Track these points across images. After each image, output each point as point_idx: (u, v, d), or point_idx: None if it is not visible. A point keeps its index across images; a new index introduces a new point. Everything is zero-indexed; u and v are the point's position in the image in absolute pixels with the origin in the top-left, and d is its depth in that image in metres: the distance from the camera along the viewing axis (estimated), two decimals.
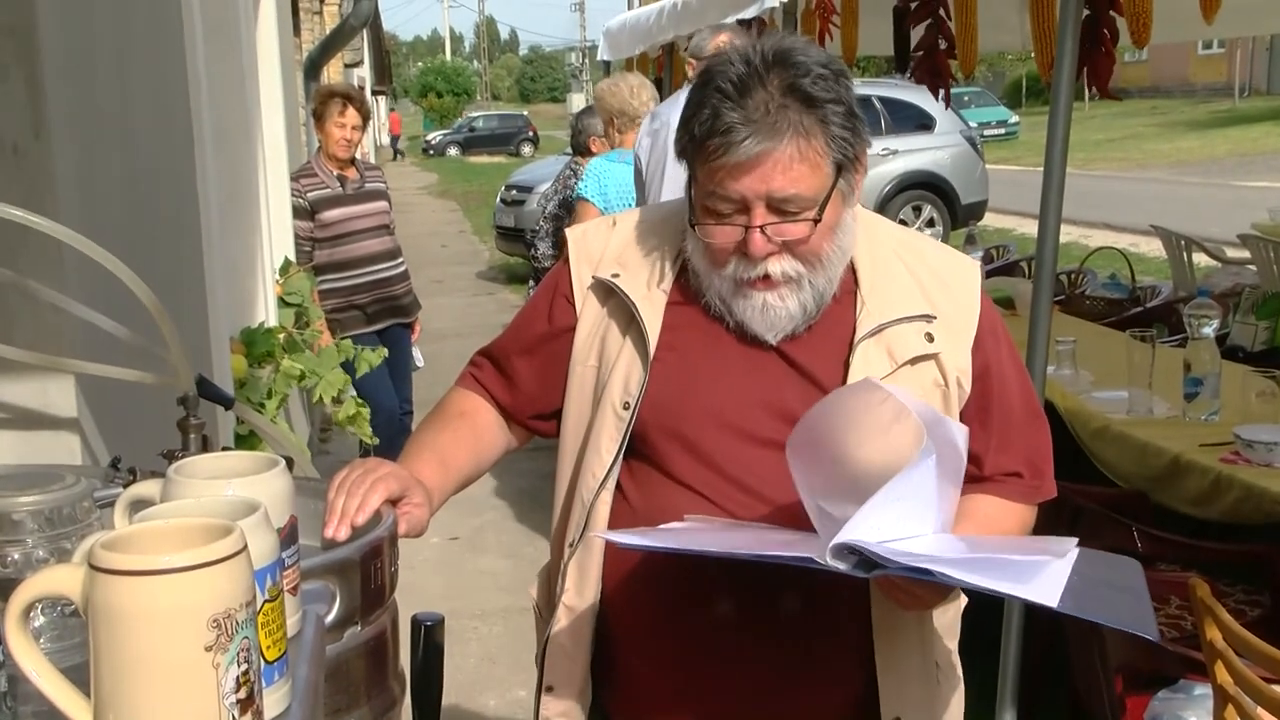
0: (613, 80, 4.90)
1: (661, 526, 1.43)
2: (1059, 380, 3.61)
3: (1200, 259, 7.79)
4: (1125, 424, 3.27)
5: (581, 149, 5.64)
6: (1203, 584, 2.13)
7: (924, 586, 1.34)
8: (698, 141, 1.43)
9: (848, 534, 1.26)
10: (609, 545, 1.54)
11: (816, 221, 1.44)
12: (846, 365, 1.51)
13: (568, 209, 5.46)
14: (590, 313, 1.60)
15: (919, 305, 1.54)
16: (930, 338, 1.52)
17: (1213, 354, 3.29)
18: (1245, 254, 7.36)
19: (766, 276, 1.46)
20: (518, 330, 1.71)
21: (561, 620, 1.59)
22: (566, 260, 1.64)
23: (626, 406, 1.53)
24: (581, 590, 1.57)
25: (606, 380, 1.55)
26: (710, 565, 1.40)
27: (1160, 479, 3.03)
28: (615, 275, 1.57)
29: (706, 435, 1.51)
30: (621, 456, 1.54)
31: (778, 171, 1.40)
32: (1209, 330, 3.32)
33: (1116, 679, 2.74)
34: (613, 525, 1.54)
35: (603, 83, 4.97)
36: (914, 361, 1.51)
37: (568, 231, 1.68)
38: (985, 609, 1.76)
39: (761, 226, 1.43)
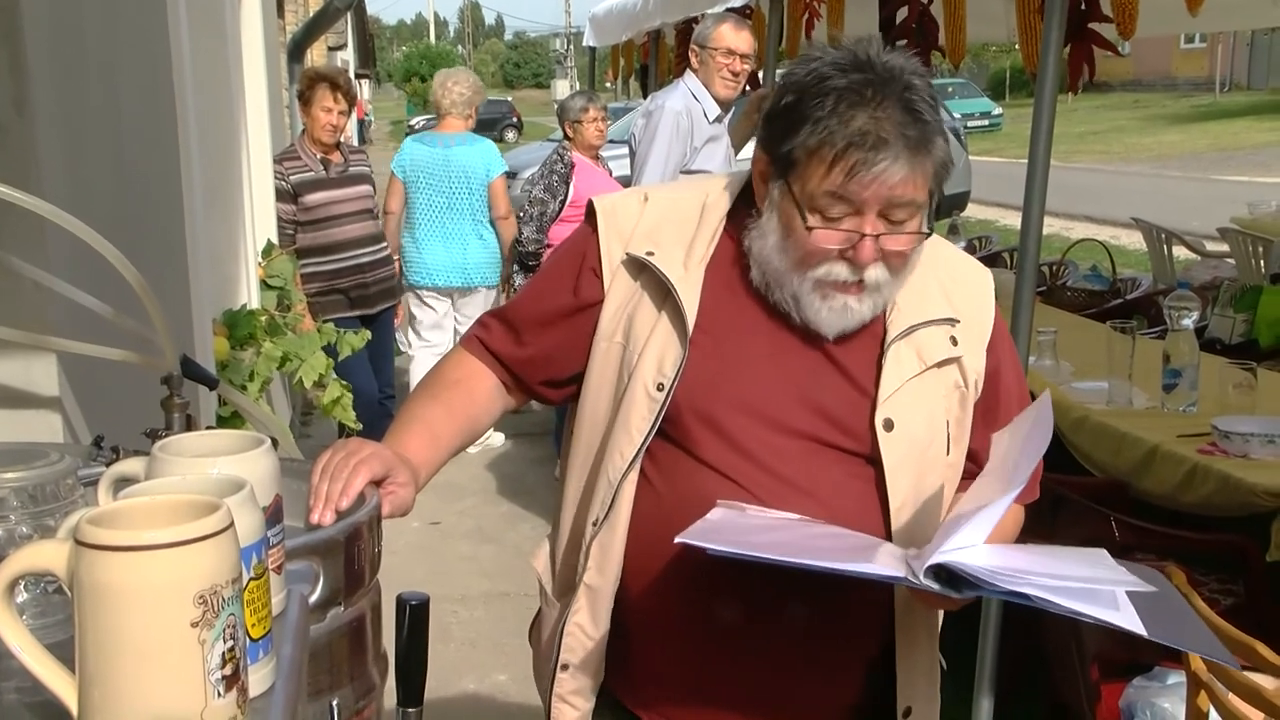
0: (439, 74, 5.84)
1: (711, 516, 1.42)
2: (1040, 371, 3.63)
3: (1180, 252, 7.85)
4: (1105, 414, 3.30)
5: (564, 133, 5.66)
6: (1179, 573, 2.15)
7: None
8: (838, 148, 1.40)
9: (944, 556, 1.29)
10: (633, 526, 1.54)
11: (926, 235, 1.47)
12: (879, 365, 1.52)
13: (552, 194, 5.47)
14: (620, 289, 1.58)
15: (944, 309, 1.56)
16: (954, 341, 1.55)
17: (1191, 346, 3.31)
18: (1224, 247, 7.43)
19: (860, 282, 1.47)
20: (538, 297, 1.68)
21: (581, 599, 1.59)
22: (594, 231, 1.61)
23: (660, 387, 1.51)
24: (603, 570, 1.57)
25: (636, 359, 1.54)
26: None
27: (1138, 469, 3.06)
28: (650, 254, 1.55)
29: (739, 421, 1.51)
30: (651, 438, 1.53)
31: (905, 185, 1.41)
32: (1188, 322, 3.35)
33: (1092, 666, 2.77)
34: (637, 507, 1.54)
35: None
36: (940, 364, 1.54)
37: (595, 202, 1.64)
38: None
39: (876, 235, 1.44)
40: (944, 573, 1.31)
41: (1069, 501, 2.98)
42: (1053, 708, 3.13)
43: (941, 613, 1.65)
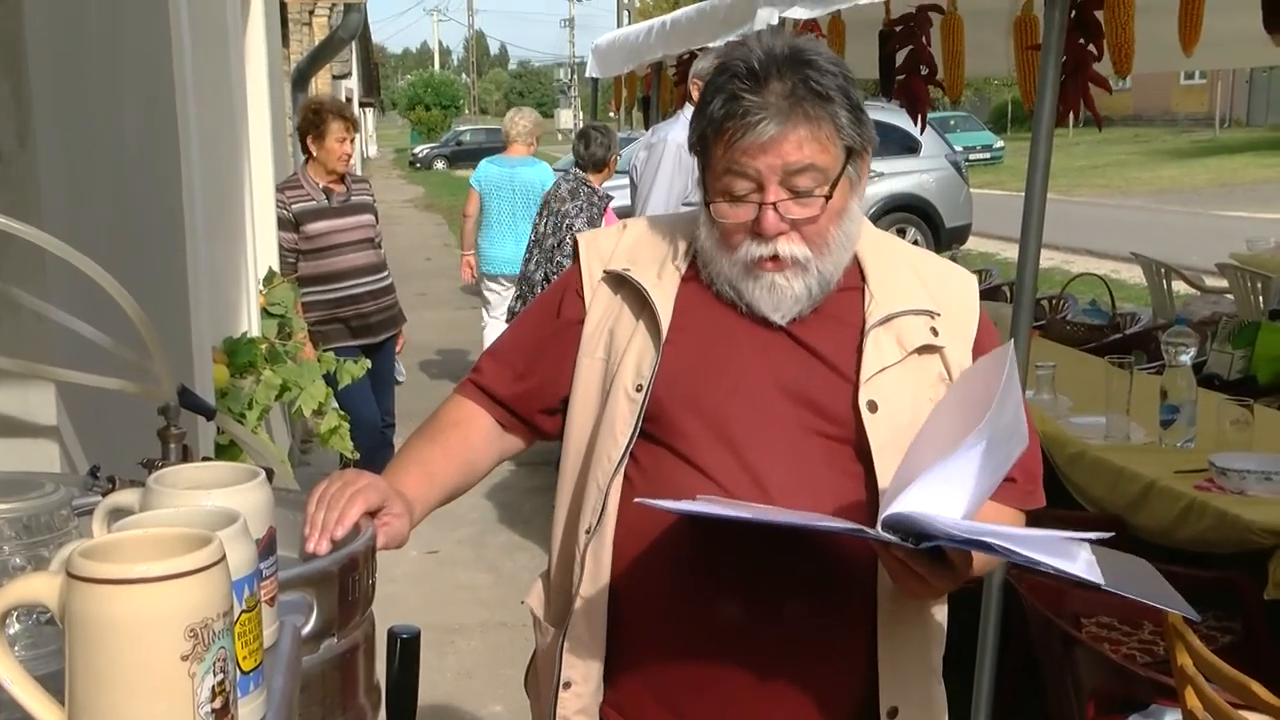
0: (510, 112, 7.50)
1: (684, 503, 1.42)
2: (1037, 405, 3.63)
3: (1179, 287, 7.86)
4: (1102, 449, 3.30)
5: (599, 163, 5.72)
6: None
7: (939, 573, 1.36)
8: (716, 124, 1.49)
9: (899, 506, 1.29)
10: (618, 531, 1.56)
11: (827, 199, 1.49)
12: (859, 351, 1.55)
13: (593, 226, 5.54)
14: (600, 304, 1.64)
15: (924, 301, 1.60)
16: (935, 331, 1.57)
17: (1189, 382, 3.32)
18: (1223, 283, 7.43)
19: (775, 256, 1.51)
20: (524, 328, 1.75)
21: (578, 613, 1.60)
22: (577, 259, 1.69)
23: (639, 389, 1.55)
24: (596, 579, 1.58)
25: (616, 368, 1.58)
26: (719, 552, 1.44)
27: (1134, 504, 3.06)
28: (627, 269, 1.63)
29: (721, 412, 1.54)
30: (635, 439, 1.56)
31: (791, 148, 1.47)
32: (1186, 358, 3.35)
33: (1088, 703, 2.76)
34: (621, 512, 1.56)
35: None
36: (921, 351, 1.56)
37: (578, 236, 1.74)
38: (959, 631, 1.77)
39: (775, 204, 1.48)
40: (911, 536, 1.30)
41: None
42: None
43: (939, 626, 1.64)
